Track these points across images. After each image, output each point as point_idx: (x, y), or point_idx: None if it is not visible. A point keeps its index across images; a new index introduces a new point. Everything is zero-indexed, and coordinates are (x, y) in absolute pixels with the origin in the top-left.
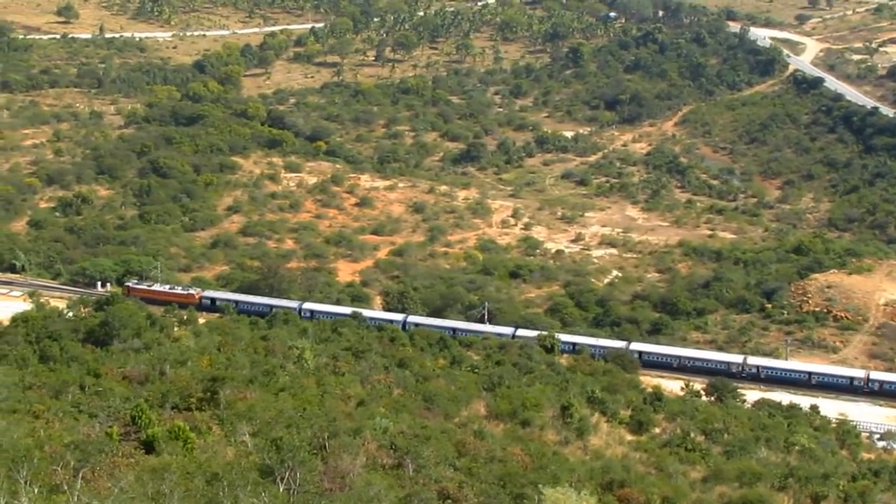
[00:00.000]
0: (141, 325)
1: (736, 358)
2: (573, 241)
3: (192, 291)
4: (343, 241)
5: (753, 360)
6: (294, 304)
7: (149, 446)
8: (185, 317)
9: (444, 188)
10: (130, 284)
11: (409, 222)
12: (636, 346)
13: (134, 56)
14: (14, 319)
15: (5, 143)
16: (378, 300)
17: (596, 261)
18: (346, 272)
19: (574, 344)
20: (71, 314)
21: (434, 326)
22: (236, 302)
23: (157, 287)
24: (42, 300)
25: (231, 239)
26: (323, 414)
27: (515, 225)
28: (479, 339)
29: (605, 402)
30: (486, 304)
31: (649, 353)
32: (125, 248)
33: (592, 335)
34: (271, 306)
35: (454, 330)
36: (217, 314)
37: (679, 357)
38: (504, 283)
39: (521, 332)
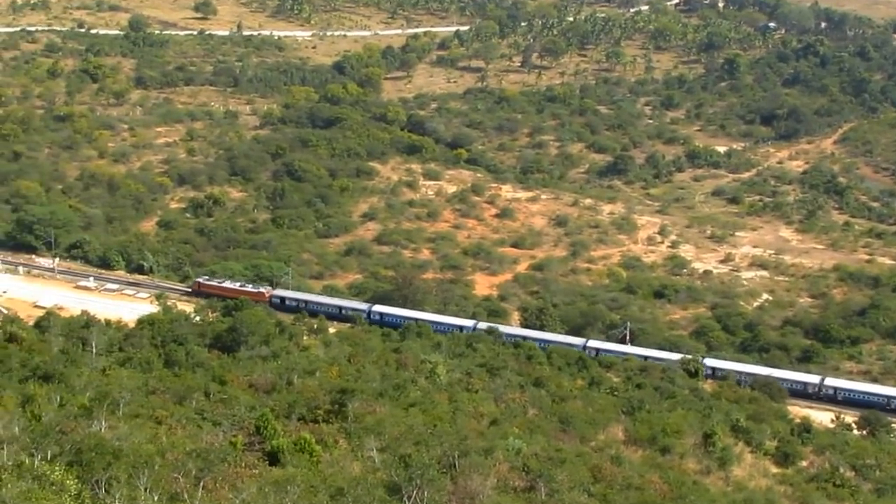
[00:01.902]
0: (269, 333)
1: (812, 378)
2: (722, 262)
3: (262, 290)
4: (481, 253)
5: (831, 382)
6: (363, 306)
7: (273, 458)
8: (316, 326)
9: (588, 201)
10: (201, 280)
11: (551, 236)
12: (710, 361)
13: (272, 55)
14: (140, 322)
15: (138, 140)
16: (515, 316)
17: (745, 283)
18: (483, 285)
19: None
20: (198, 318)
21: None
22: (305, 302)
23: (227, 284)
24: (169, 303)
25: (365, 247)
26: (454, 432)
27: (662, 242)
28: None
29: (749, 431)
30: (628, 323)
31: (720, 369)
32: (256, 252)
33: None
34: (340, 307)
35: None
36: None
37: (753, 375)
38: (648, 302)
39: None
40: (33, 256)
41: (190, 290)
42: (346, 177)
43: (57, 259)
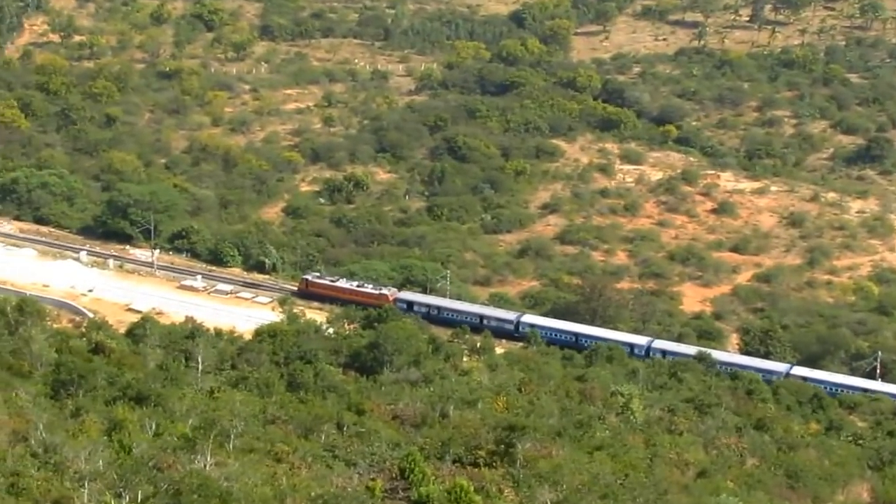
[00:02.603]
0: (421, 351)
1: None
2: None
3: (384, 291)
4: (692, 258)
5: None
6: (510, 315)
7: None
8: (479, 344)
9: (831, 196)
10: (309, 278)
11: (782, 239)
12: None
13: (432, 2)
14: (259, 333)
15: (262, 105)
16: (734, 339)
17: None
18: (693, 299)
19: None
20: (331, 330)
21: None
22: (438, 308)
23: (342, 283)
24: (296, 310)
25: (545, 246)
26: (651, 484)
27: None
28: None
29: None
30: (879, 353)
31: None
32: (406, 249)
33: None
34: (482, 317)
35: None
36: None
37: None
38: None
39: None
40: (127, 247)
41: (296, 289)
42: (522, 157)
43: (157, 251)
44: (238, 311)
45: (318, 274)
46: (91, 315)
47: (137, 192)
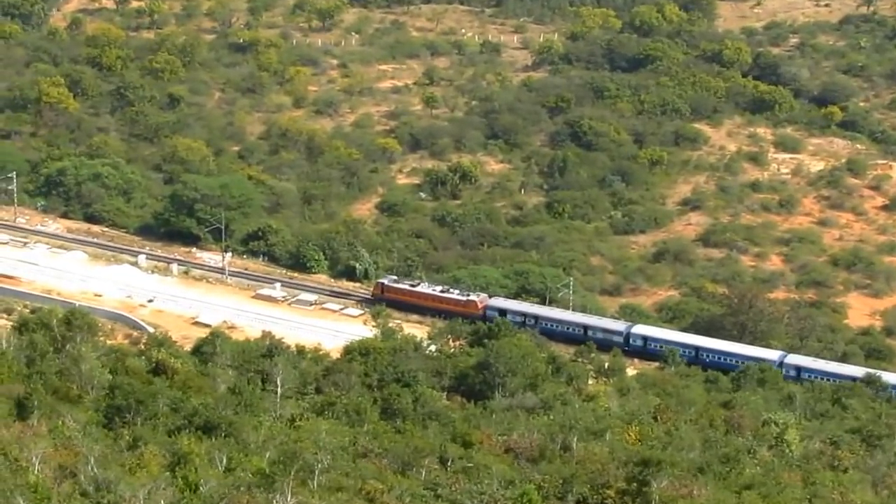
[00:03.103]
0: (538, 372)
1: None
2: None
3: (473, 298)
4: (859, 263)
5: None
6: (619, 326)
7: None
8: (607, 365)
9: None
10: (385, 282)
11: None
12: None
13: None
14: (348, 351)
15: (352, 83)
16: None
17: None
18: (860, 312)
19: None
20: (433, 348)
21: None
22: (535, 317)
23: (424, 289)
24: (392, 324)
25: (685, 249)
26: None
27: None
28: None
29: None
30: None
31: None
32: (522, 253)
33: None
34: (586, 327)
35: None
36: (637, 356)
37: None
38: None
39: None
40: (194, 250)
41: (370, 295)
42: (658, 144)
43: (228, 255)
44: (324, 324)
45: (395, 278)
46: (151, 329)
47: (206, 186)
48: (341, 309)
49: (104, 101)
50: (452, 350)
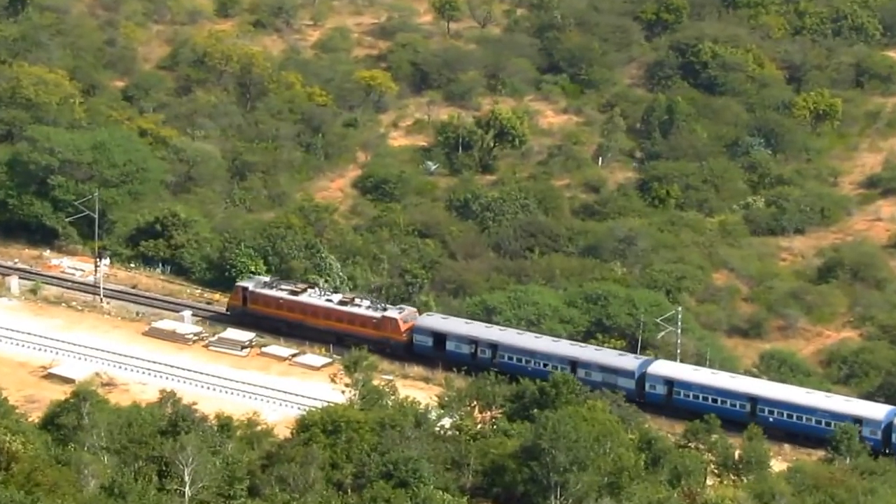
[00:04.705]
0: (624, 465)
1: None
2: None
3: (392, 314)
4: None
5: None
6: (629, 363)
7: None
8: (738, 453)
9: None
10: (250, 286)
11: None
12: None
13: None
14: (305, 426)
15: None
16: None
17: None
18: None
19: None
20: (447, 421)
21: None
22: (491, 346)
23: (311, 298)
24: (378, 381)
25: (870, 261)
26: None
27: None
28: None
29: None
30: None
31: None
32: (598, 264)
33: None
34: (575, 362)
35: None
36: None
37: None
38: None
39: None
40: (47, 253)
41: (226, 308)
42: (828, 86)
43: (105, 262)
44: (265, 380)
45: (267, 280)
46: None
47: (68, 146)
48: (293, 356)
49: None
50: (480, 425)
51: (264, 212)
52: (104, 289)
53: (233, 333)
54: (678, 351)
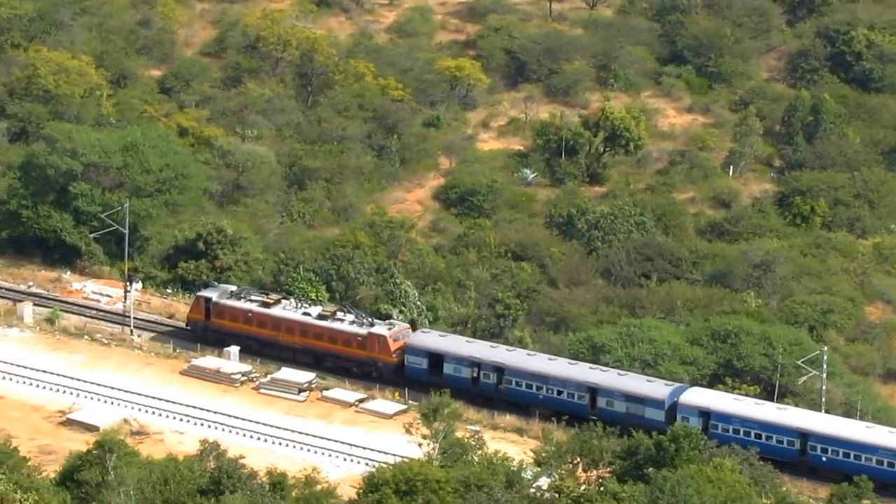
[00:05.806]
0: None
1: None
2: None
3: (380, 330)
4: None
5: None
6: (659, 390)
7: None
8: None
9: None
10: (214, 297)
11: None
12: None
13: None
14: (374, 486)
15: None
16: None
17: None
18: None
19: None
20: (545, 481)
21: None
22: (497, 368)
23: (285, 311)
24: (463, 431)
25: None
26: None
27: None
28: None
29: None
30: None
31: None
32: (728, 293)
33: None
34: (594, 389)
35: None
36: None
37: None
38: None
39: None
40: (66, 275)
41: (185, 323)
42: None
43: (137, 286)
44: (325, 429)
45: (234, 289)
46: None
47: (93, 147)
48: (360, 401)
49: None
50: (584, 487)
51: (327, 228)
52: (135, 319)
53: (288, 374)
54: (822, 399)
